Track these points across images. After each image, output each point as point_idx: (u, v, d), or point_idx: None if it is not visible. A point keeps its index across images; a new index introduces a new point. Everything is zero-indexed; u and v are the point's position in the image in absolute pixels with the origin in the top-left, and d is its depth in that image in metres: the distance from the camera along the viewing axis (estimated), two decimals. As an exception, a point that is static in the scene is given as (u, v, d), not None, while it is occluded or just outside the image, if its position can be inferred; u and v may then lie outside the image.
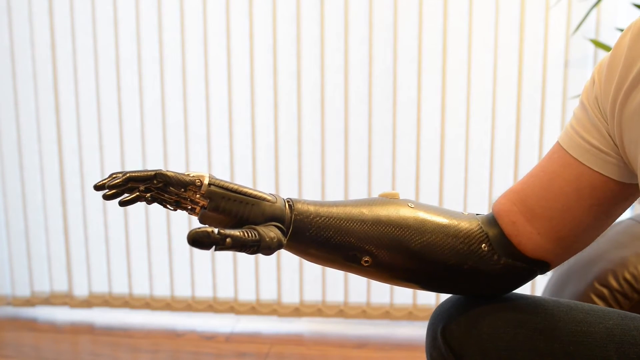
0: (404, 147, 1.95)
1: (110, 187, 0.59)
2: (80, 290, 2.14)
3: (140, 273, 2.11)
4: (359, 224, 0.65)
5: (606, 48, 1.68)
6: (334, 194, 1.99)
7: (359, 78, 1.93)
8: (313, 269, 2.03)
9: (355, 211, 0.66)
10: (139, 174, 0.59)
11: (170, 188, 0.60)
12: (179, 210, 0.62)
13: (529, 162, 1.90)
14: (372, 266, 0.66)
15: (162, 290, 2.11)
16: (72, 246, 2.12)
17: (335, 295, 2.05)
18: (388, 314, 2.02)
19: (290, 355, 1.88)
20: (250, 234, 0.55)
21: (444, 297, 0.74)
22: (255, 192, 0.62)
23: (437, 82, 1.90)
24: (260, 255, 2.05)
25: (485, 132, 1.92)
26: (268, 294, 2.08)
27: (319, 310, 2.05)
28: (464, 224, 0.68)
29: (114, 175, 0.59)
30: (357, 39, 1.91)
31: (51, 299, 2.15)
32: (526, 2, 1.83)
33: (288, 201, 0.65)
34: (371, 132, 1.95)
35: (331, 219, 0.65)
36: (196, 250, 2.07)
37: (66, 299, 2.15)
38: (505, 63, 1.87)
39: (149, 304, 2.11)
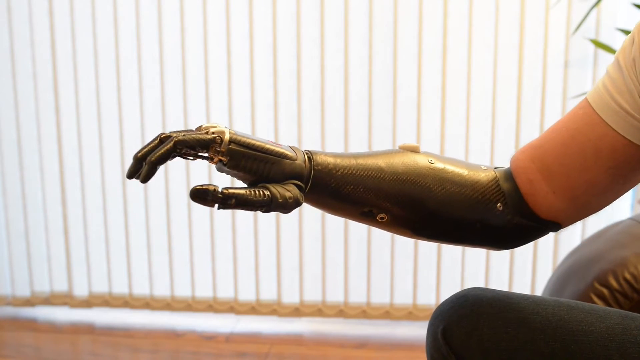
0: (404, 147, 1.95)
1: (134, 174, 0.58)
2: (80, 290, 2.14)
3: (140, 273, 2.11)
4: (378, 180, 0.65)
5: (606, 48, 1.68)
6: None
7: (359, 78, 1.93)
8: (313, 269, 2.03)
9: (374, 166, 0.66)
10: (161, 153, 0.56)
11: (191, 151, 0.59)
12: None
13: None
14: (387, 222, 0.67)
15: (162, 290, 2.11)
16: (72, 246, 2.12)
17: (335, 295, 2.05)
18: (388, 314, 2.02)
19: (290, 355, 1.88)
20: (259, 193, 0.56)
21: (444, 297, 0.74)
22: (276, 149, 0.61)
23: (437, 82, 1.90)
24: (260, 254, 2.05)
25: (485, 132, 1.92)
26: (268, 294, 2.08)
27: (319, 310, 2.05)
28: (482, 182, 0.69)
29: (138, 156, 0.58)
30: (357, 39, 1.91)
31: (51, 299, 2.15)
32: (526, 2, 1.83)
33: (307, 153, 0.65)
34: (371, 132, 1.95)
35: (351, 173, 0.65)
36: (196, 250, 2.06)
37: (66, 299, 2.15)
38: (505, 63, 1.87)
39: (149, 304, 2.11)
